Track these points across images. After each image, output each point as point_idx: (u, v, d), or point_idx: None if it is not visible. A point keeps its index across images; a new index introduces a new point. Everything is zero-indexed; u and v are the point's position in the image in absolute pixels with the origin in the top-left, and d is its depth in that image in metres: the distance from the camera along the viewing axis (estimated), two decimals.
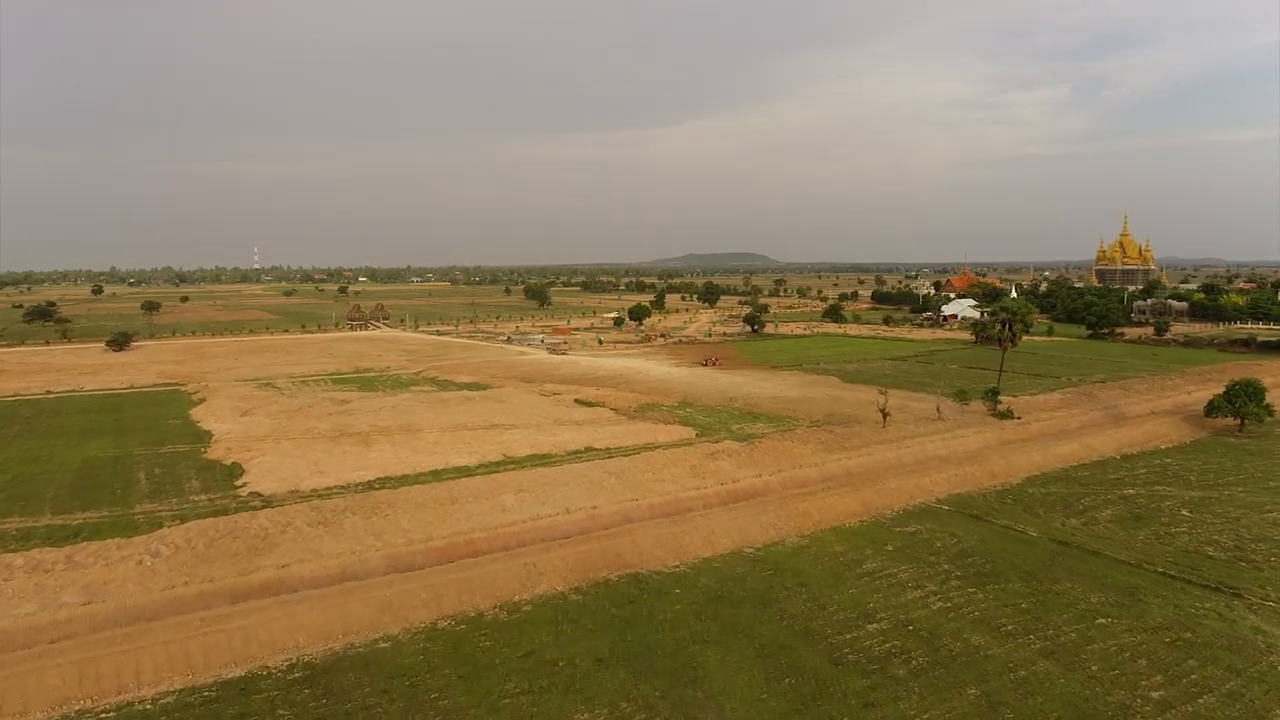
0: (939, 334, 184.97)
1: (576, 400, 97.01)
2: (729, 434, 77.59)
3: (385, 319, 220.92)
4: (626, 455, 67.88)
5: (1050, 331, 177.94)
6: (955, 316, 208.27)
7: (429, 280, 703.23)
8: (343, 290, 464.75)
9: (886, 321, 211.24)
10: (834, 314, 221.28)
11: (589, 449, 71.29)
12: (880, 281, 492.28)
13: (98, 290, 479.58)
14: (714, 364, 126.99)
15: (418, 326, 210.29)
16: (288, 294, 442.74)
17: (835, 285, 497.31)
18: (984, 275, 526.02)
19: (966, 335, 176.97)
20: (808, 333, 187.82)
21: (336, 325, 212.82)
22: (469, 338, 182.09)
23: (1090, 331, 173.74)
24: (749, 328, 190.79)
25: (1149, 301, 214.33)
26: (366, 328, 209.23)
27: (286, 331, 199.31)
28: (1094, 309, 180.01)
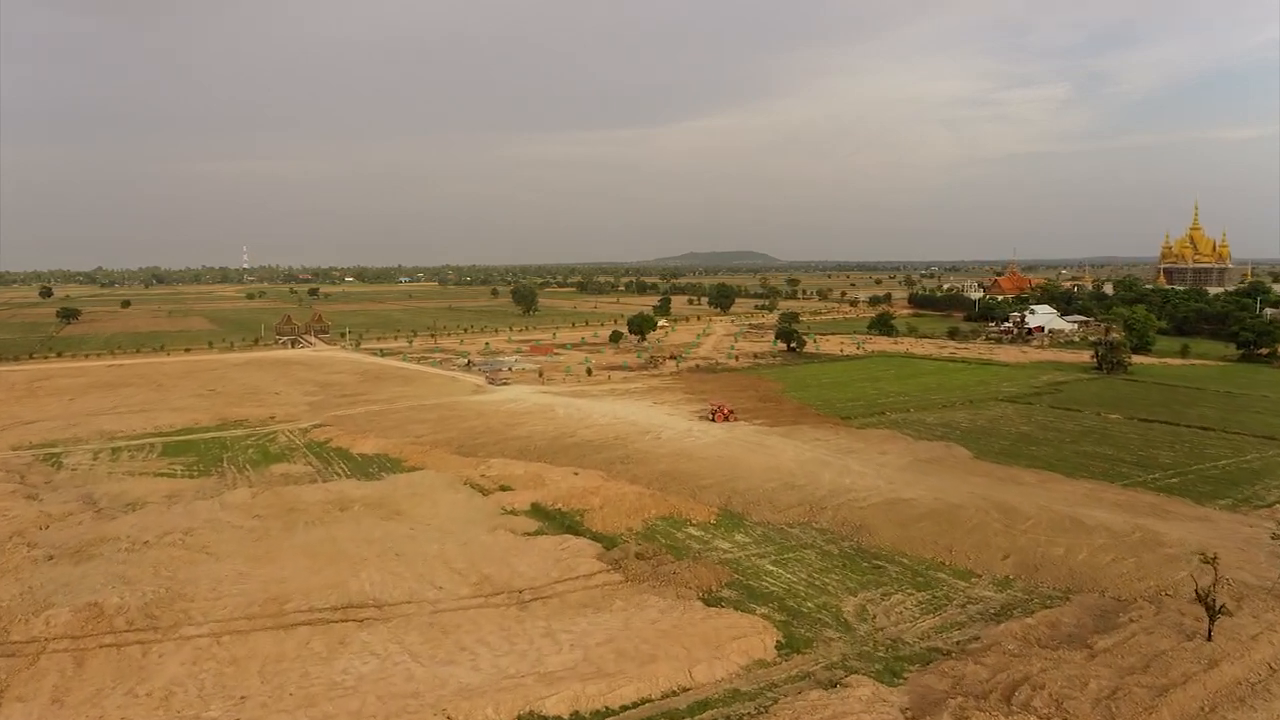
0: (1030, 353, 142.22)
1: (533, 510, 54.24)
2: (854, 651, 34.90)
3: (323, 333, 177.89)
4: None
5: (1185, 351, 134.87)
6: (1042, 329, 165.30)
7: (419, 280, 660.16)
8: (313, 293, 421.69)
9: (952, 335, 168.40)
10: (883, 325, 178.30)
11: None
12: (911, 282, 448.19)
13: (46, 293, 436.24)
14: (726, 417, 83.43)
15: (359, 343, 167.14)
16: (251, 296, 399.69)
17: (853, 285, 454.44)
18: (1000, 273, 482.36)
19: (1072, 356, 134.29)
20: (860, 352, 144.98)
21: (256, 341, 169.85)
22: (419, 360, 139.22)
23: (1241, 352, 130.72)
24: (784, 345, 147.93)
25: None
26: (297, 344, 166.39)
27: (188, 351, 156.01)
28: (1240, 322, 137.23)
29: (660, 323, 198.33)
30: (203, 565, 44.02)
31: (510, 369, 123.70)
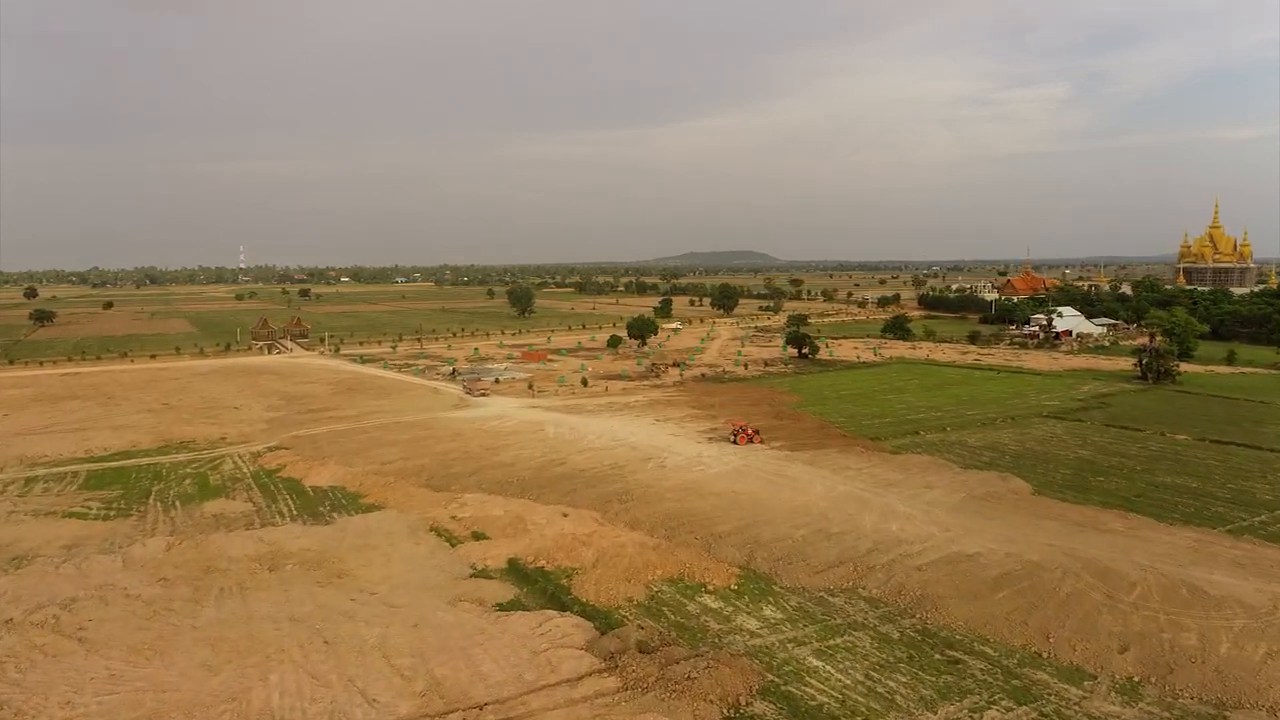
0: (1061, 360, 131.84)
1: (510, 570, 43.69)
2: None
3: (301, 337, 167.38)
4: None
5: (1232, 358, 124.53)
6: (1070, 333, 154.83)
7: (415, 280, 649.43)
8: (304, 293, 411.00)
9: (973, 339, 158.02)
10: (899, 328, 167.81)
11: None
12: (918, 282, 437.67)
13: (31, 294, 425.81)
14: (750, 438, 72.87)
15: (339, 348, 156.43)
16: (240, 297, 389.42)
17: (857, 285, 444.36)
18: (1004, 273, 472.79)
19: (1108, 363, 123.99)
20: (877, 358, 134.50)
21: (229, 347, 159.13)
22: (401, 368, 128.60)
23: None
24: (795, 351, 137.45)
25: None
26: (273, 349, 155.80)
27: (154, 357, 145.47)
28: None
29: (666, 325, 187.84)
30: (68, 660, 33.53)
31: (498, 379, 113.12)
